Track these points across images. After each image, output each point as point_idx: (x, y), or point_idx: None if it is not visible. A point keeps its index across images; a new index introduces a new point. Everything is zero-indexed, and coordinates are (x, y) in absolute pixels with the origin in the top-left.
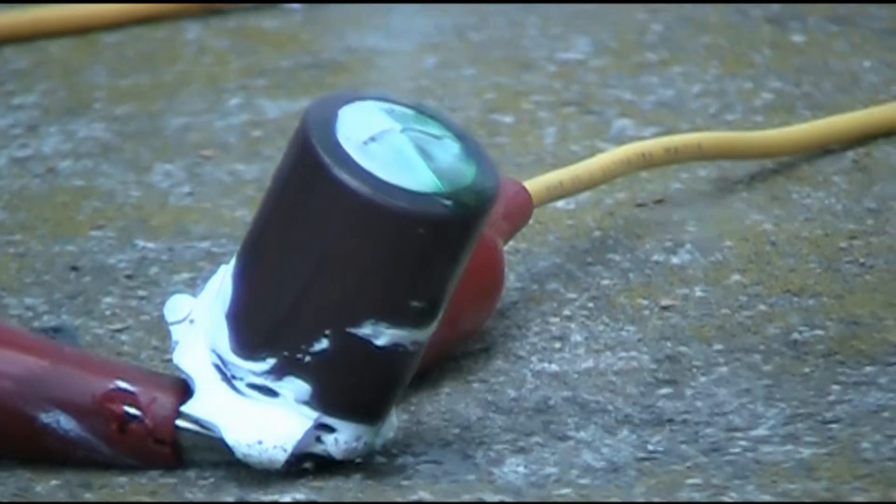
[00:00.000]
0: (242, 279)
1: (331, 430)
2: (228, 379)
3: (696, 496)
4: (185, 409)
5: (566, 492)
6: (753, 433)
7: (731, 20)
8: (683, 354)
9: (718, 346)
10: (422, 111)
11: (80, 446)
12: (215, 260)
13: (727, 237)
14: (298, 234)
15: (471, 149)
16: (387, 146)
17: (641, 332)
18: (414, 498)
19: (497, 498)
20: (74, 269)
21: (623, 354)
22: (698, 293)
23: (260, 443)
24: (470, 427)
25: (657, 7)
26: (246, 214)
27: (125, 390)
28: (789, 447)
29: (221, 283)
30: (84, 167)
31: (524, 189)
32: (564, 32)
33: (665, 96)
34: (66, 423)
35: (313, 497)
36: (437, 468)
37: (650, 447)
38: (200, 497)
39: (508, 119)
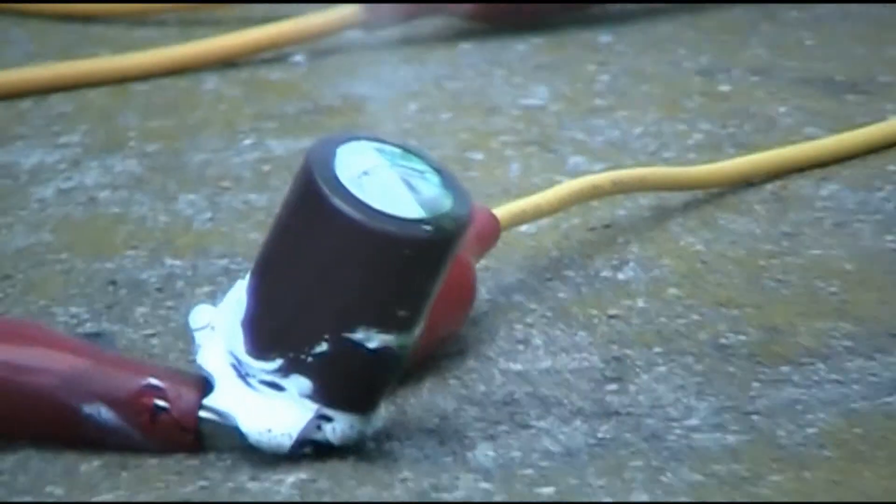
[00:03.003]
0: (255, 292)
1: (329, 419)
2: (243, 376)
3: (639, 475)
4: (206, 402)
5: (529, 472)
6: (687, 423)
7: (667, 72)
8: (627, 356)
9: (657, 349)
10: (407, 150)
11: (117, 433)
12: (232, 276)
13: (665, 256)
14: (302, 253)
15: (448, 181)
16: (378, 180)
17: (592, 337)
18: (399, 476)
19: (470, 476)
20: (112, 283)
21: (576, 356)
22: (640, 304)
23: (269, 431)
24: (447, 417)
25: (605, 60)
26: (258, 237)
27: (155, 386)
28: (717, 435)
29: (237, 296)
30: (120, 197)
31: (493, 215)
32: (526, 82)
33: (612, 136)
34: (105, 413)
35: (314, 476)
36: (419, 452)
37: (599, 435)
38: (218, 476)
39: (479, 156)
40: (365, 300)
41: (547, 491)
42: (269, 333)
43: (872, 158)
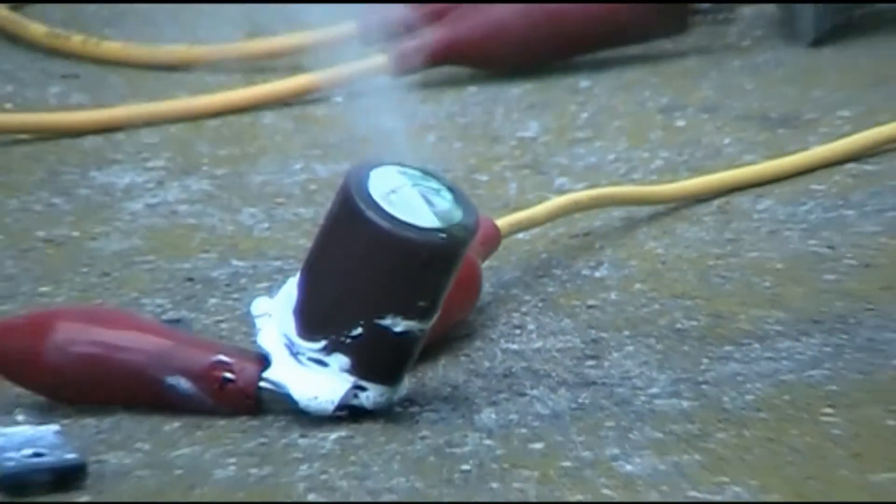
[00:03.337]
0: (304, 286)
1: (364, 389)
2: (294, 354)
3: (611, 433)
4: (265, 374)
5: (523, 431)
6: (649, 391)
7: (634, 110)
8: (602, 338)
9: (626, 332)
10: (426, 172)
11: (193, 400)
12: (285, 274)
13: (632, 258)
14: (342, 255)
15: (459, 197)
16: (402, 196)
17: (574, 323)
18: (420, 435)
19: (476, 434)
20: (189, 279)
21: (562, 338)
22: (613, 297)
23: (316, 398)
24: (458, 387)
25: (584, 100)
26: (306, 242)
27: (224, 362)
28: (674, 401)
29: (289, 290)
30: (195, 210)
31: (495, 225)
32: (521, 118)
33: (590, 162)
34: (183, 384)
35: (352, 433)
36: (436, 415)
37: (580, 401)
38: (275, 434)
39: (484, 177)
40: (392, 293)
41: (538, 446)
42: (315, 319)
43: (799, 179)
